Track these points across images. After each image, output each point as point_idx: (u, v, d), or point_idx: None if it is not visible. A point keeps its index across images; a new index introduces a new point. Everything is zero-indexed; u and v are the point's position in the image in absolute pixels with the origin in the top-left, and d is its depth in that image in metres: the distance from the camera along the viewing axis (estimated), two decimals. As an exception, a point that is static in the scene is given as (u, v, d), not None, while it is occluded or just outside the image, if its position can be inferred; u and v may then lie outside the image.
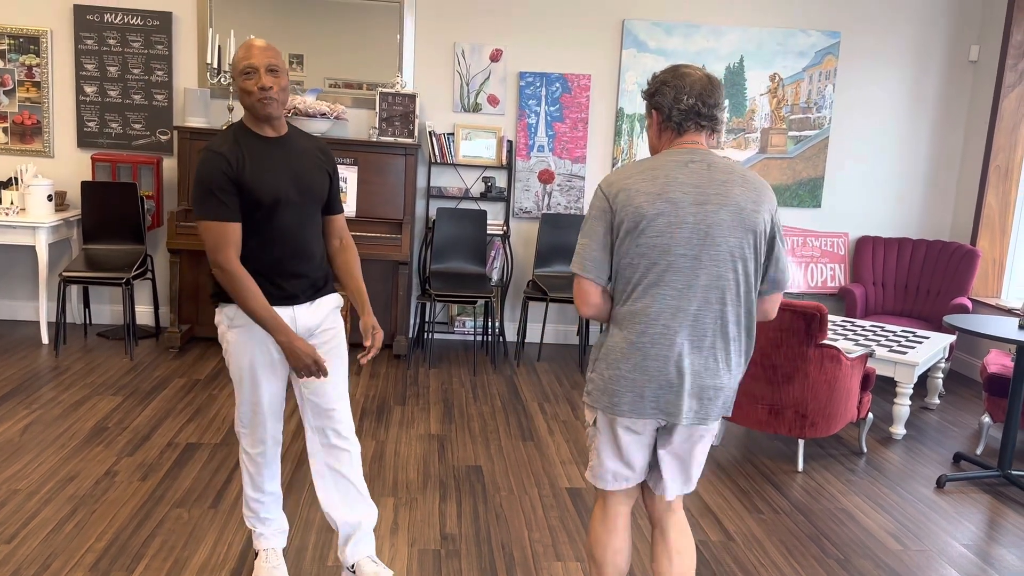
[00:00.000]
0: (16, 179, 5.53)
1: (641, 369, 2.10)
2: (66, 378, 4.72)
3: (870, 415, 4.34)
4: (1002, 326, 3.94)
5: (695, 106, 2.10)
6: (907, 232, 6.33)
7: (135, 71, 5.66)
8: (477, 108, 5.90)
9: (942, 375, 5.12)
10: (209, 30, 5.60)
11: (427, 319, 5.91)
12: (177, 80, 5.72)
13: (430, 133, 5.79)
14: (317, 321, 2.60)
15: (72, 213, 5.60)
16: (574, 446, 4.17)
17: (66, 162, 5.76)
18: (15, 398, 4.35)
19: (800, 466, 4.05)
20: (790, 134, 6.13)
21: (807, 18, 6.02)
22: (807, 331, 3.81)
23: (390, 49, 5.79)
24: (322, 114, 5.39)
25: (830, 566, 3.13)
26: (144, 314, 5.93)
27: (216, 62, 5.41)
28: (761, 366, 3.97)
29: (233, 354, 2.55)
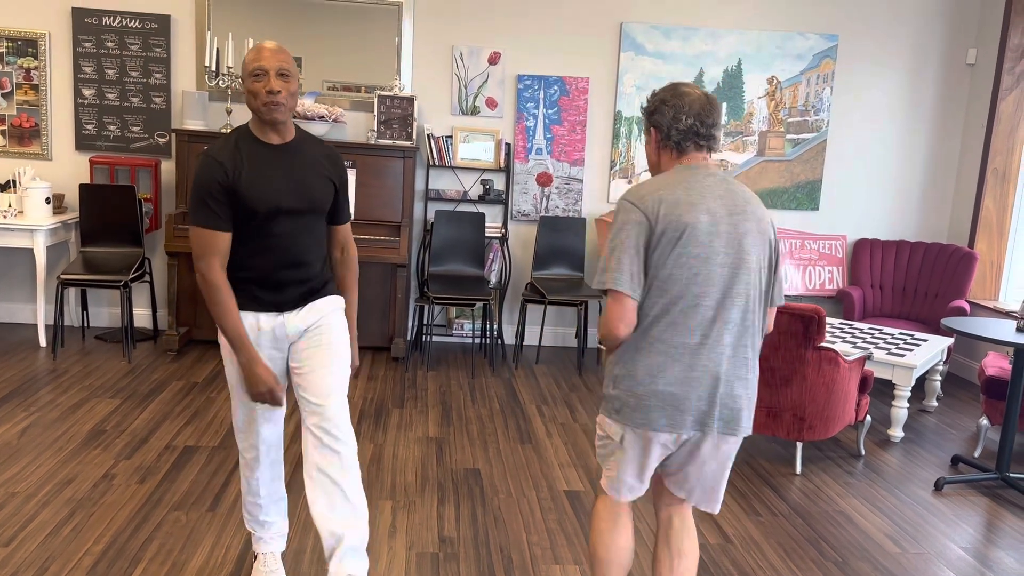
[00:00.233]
0: (14, 182, 5.53)
1: (683, 382, 2.07)
2: (64, 381, 4.71)
3: (868, 418, 4.34)
4: (1000, 329, 3.94)
5: (693, 126, 2.11)
6: (905, 235, 6.34)
7: (133, 74, 5.66)
8: (475, 111, 5.91)
9: (940, 378, 5.12)
10: (207, 33, 5.60)
11: (425, 322, 5.90)
12: (175, 83, 5.72)
13: (428, 136, 5.79)
14: (309, 322, 2.54)
15: (70, 216, 5.60)
16: (572, 449, 4.17)
17: (64, 165, 5.76)
18: (13, 401, 4.35)
19: (798, 469, 4.05)
20: (788, 137, 6.14)
21: (805, 21, 6.03)
22: (805, 334, 3.81)
23: (388, 52, 5.79)
24: (320, 117, 5.39)
25: (828, 568, 3.13)
26: (142, 317, 5.93)
27: (214, 65, 5.41)
28: (759, 368, 3.96)
29: (227, 360, 2.56)
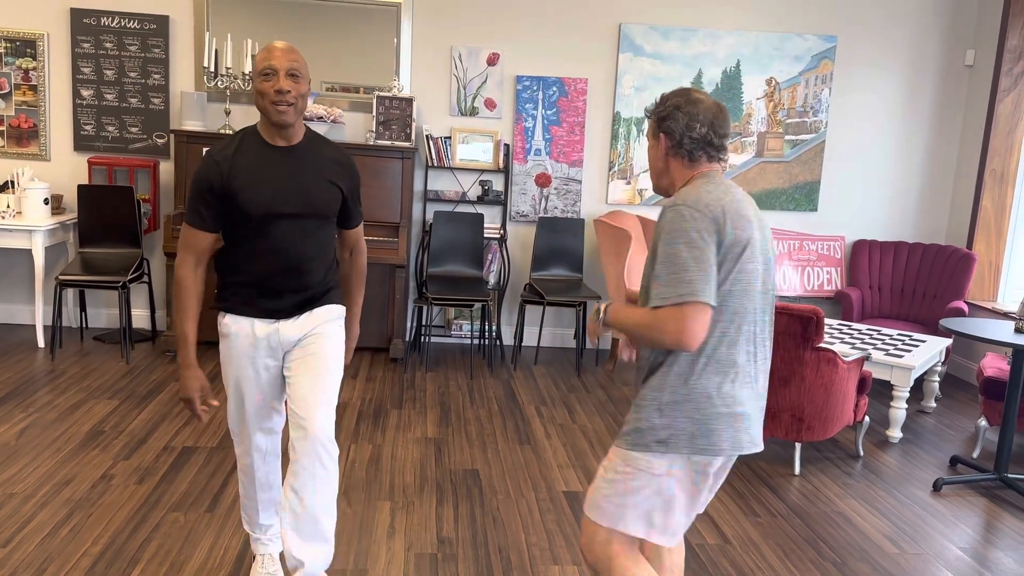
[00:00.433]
0: (12, 182, 5.53)
1: (745, 400, 2.01)
2: (62, 382, 4.71)
3: (866, 418, 4.34)
4: (998, 329, 3.95)
5: (707, 135, 2.03)
6: (903, 236, 6.34)
7: (132, 74, 5.65)
8: (474, 112, 5.91)
9: (938, 379, 5.13)
10: (206, 34, 5.60)
11: (424, 322, 5.90)
12: (174, 83, 5.71)
13: (427, 137, 5.79)
14: (305, 331, 2.50)
15: (68, 216, 5.59)
16: (571, 449, 4.17)
17: (62, 165, 5.76)
18: (11, 402, 4.34)
19: (797, 469, 4.05)
20: (786, 138, 6.14)
21: (803, 22, 6.03)
22: (803, 334, 3.82)
23: (387, 53, 5.79)
24: (319, 117, 5.39)
25: (827, 569, 3.14)
26: (140, 318, 5.93)
27: (213, 66, 5.41)
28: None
29: (222, 363, 2.58)
